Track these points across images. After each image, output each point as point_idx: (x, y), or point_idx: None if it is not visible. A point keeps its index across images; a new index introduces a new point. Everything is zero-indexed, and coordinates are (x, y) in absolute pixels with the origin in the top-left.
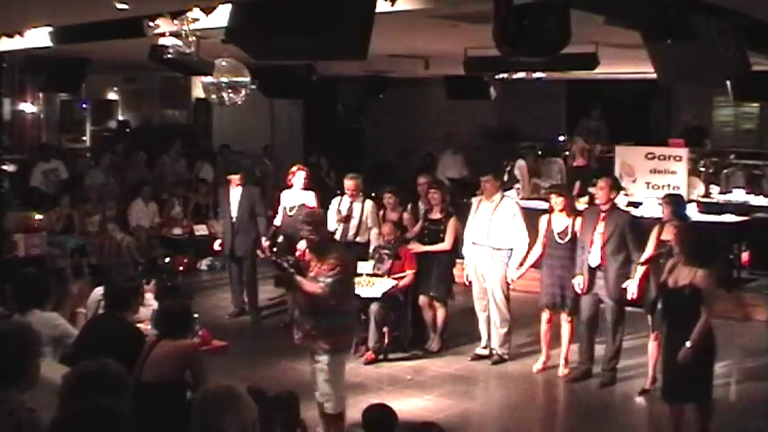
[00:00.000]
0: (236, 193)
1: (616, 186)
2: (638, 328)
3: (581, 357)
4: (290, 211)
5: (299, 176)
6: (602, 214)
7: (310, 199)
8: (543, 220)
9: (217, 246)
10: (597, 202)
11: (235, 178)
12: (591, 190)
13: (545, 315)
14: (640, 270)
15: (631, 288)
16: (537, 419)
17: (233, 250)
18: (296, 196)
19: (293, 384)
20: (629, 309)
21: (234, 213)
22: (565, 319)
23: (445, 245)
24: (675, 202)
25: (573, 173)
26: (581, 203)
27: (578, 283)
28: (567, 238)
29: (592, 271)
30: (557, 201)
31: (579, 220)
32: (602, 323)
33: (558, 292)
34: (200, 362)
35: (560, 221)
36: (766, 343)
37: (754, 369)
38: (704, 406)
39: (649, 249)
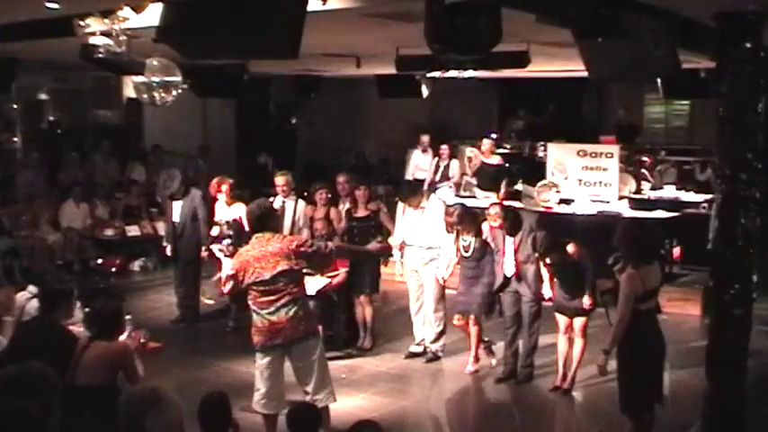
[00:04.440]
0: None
1: (506, 213)
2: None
3: (505, 356)
4: (226, 226)
5: (222, 192)
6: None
7: (241, 212)
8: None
9: (168, 252)
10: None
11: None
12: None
13: (456, 318)
14: (546, 270)
15: (546, 291)
16: (470, 416)
17: (176, 255)
18: (228, 211)
19: (227, 385)
20: (547, 305)
21: (176, 218)
22: (471, 323)
23: (394, 238)
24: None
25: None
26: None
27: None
28: (470, 252)
29: (507, 279)
30: (456, 228)
31: (485, 226)
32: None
33: (469, 299)
34: (133, 363)
35: (464, 238)
36: (701, 337)
37: (688, 363)
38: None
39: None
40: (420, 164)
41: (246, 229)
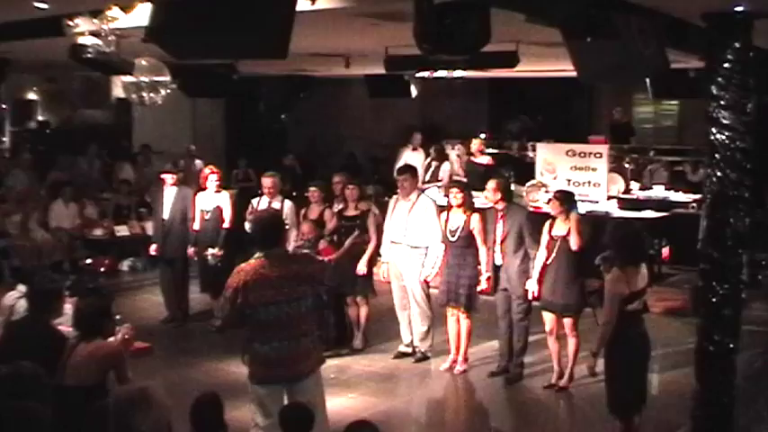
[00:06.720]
0: (169, 194)
1: (505, 188)
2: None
3: (501, 348)
4: (207, 214)
5: (211, 179)
6: (500, 213)
7: (225, 201)
8: (442, 217)
9: (152, 251)
10: (488, 203)
11: (168, 178)
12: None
13: (449, 312)
14: (538, 268)
15: (531, 287)
16: (459, 416)
17: (164, 253)
18: (211, 199)
19: (217, 385)
20: (536, 304)
21: (166, 215)
22: (461, 317)
23: (371, 244)
24: (566, 198)
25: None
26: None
27: (483, 281)
28: (457, 236)
29: (497, 269)
30: (456, 195)
31: (476, 217)
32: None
33: (453, 288)
34: (124, 364)
35: (455, 219)
36: (689, 337)
37: (677, 364)
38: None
39: (543, 245)
40: (410, 162)
41: (226, 222)
